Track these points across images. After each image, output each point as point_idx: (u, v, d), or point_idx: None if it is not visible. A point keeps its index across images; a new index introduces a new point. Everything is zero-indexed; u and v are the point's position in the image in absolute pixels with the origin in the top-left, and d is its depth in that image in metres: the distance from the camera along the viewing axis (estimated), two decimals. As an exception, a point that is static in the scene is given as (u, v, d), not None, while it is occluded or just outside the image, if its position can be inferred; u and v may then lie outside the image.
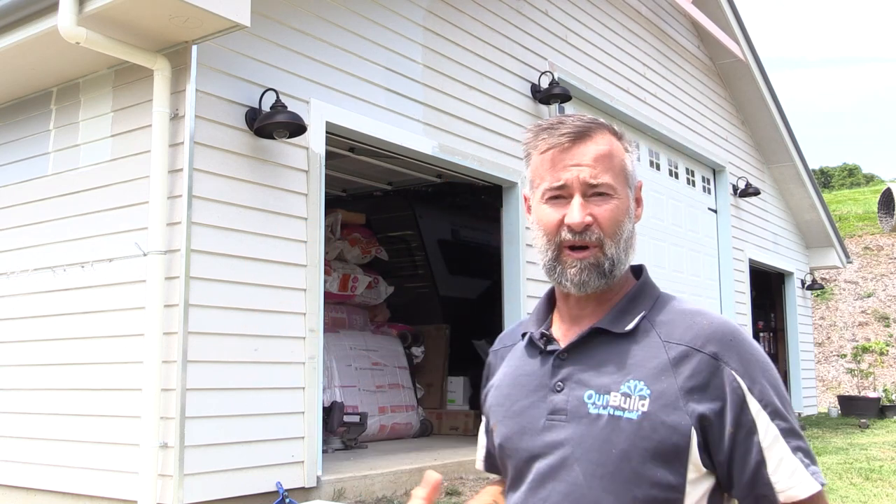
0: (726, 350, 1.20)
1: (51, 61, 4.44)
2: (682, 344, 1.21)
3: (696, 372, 1.18)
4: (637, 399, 1.18)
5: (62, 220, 4.64)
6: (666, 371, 1.19)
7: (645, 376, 1.20)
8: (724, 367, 1.18)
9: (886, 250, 19.34)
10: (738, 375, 1.18)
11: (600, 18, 8.01)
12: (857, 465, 6.54)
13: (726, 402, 1.17)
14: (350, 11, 5.22)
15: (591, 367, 1.25)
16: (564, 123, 1.30)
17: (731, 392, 1.17)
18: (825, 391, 16.35)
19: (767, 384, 1.19)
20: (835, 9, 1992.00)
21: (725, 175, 10.33)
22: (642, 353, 1.22)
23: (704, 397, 1.17)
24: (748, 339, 1.24)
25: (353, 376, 6.83)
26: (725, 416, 1.17)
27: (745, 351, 1.21)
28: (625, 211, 1.28)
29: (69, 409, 4.45)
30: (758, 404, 1.17)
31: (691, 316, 1.26)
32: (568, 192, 1.27)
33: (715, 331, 1.22)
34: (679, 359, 1.20)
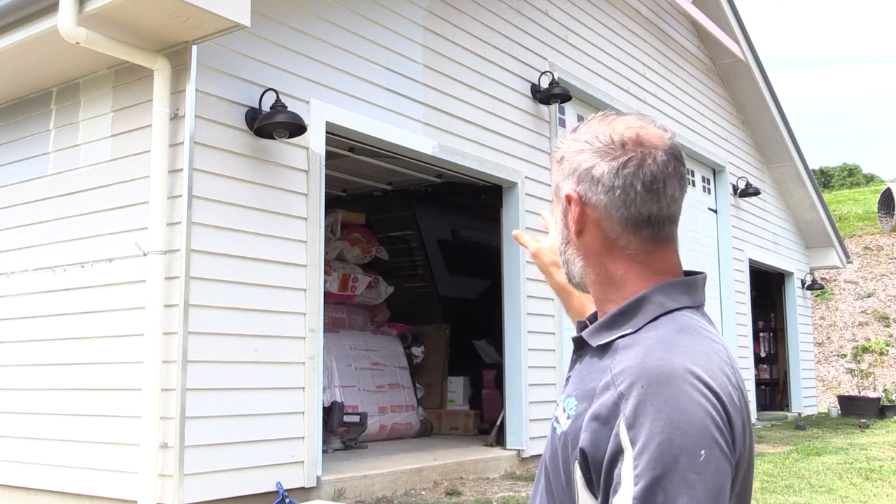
0: (631, 393, 1.02)
1: (51, 61, 4.44)
2: (611, 374, 1.07)
3: (601, 406, 1.04)
4: (565, 416, 1.13)
5: (62, 220, 4.64)
6: (588, 397, 1.09)
7: (578, 395, 1.12)
8: (621, 409, 1.02)
9: (886, 250, 19.34)
10: (625, 424, 1.00)
11: (600, 18, 8.02)
12: (857, 465, 6.54)
13: (606, 448, 1.02)
14: (350, 11, 5.22)
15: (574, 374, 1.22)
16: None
17: (612, 439, 1.01)
18: (825, 391, 16.35)
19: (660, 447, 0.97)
20: (835, 9, 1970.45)
21: (725, 175, 10.33)
22: (594, 374, 1.13)
23: (592, 436, 1.04)
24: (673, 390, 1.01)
25: (353, 376, 6.83)
26: (601, 465, 1.02)
27: (651, 401, 1.00)
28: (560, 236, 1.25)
29: (69, 409, 4.45)
30: (630, 462, 0.98)
31: (644, 348, 1.08)
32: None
33: (635, 369, 1.04)
34: (602, 389, 1.07)
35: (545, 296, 6.68)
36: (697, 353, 1.07)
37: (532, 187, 6.72)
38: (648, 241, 1.16)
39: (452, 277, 8.68)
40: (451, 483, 5.35)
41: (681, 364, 1.04)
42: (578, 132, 1.21)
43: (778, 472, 6.20)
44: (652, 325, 1.13)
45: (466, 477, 5.61)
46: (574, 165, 1.19)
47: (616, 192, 1.15)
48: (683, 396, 1.00)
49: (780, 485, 5.66)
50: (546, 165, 6.93)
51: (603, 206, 1.16)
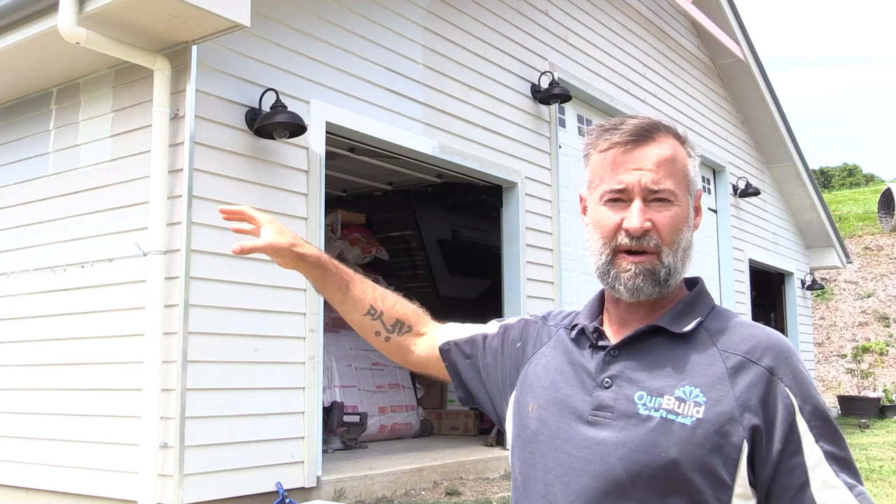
0: (781, 366, 1.19)
1: (51, 61, 4.44)
2: (738, 354, 1.20)
3: (753, 384, 1.17)
4: (692, 405, 1.16)
5: (62, 220, 4.64)
6: (723, 380, 1.18)
7: (701, 383, 1.18)
8: (779, 382, 1.18)
9: (886, 250, 19.34)
10: (791, 393, 1.17)
11: (600, 18, 8.02)
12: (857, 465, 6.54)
13: (777, 418, 1.16)
14: (350, 11, 5.22)
15: (643, 367, 1.23)
16: (626, 124, 1.27)
17: (783, 409, 1.16)
18: (825, 391, 16.35)
19: (816, 406, 1.19)
20: (835, 9, 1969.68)
21: (725, 175, 10.34)
22: (699, 359, 1.21)
23: (759, 411, 1.16)
24: (800, 358, 1.24)
25: (353, 376, 6.83)
26: (775, 432, 1.15)
27: (797, 370, 1.20)
28: (684, 219, 1.26)
29: (69, 409, 4.44)
30: (805, 424, 1.16)
31: (748, 328, 1.25)
32: (628, 196, 1.25)
33: (772, 345, 1.21)
34: (736, 369, 1.19)
35: (545, 296, 6.68)
36: None
37: (532, 187, 6.71)
38: None
39: (452, 277, 8.68)
40: (451, 483, 5.35)
41: (784, 337, 1.26)
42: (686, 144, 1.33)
43: (778, 472, 6.19)
44: (714, 313, 1.28)
45: (466, 477, 5.60)
46: (698, 164, 1.34)
47: None
48: (803, 363, 1.24)
49: (780, 485, 5.65)
50: (546, 165, 6.93)
51: None
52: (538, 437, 1.28)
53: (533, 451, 1.28)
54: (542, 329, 1.44)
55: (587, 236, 1.33)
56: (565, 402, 1.27)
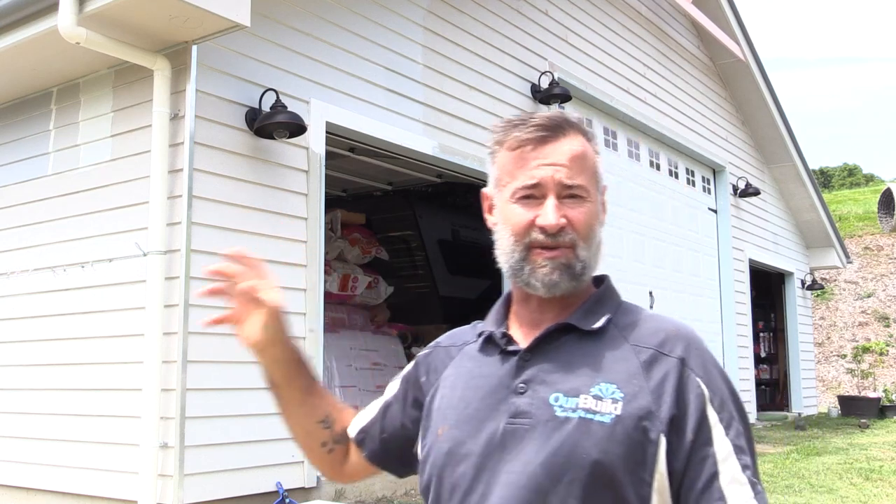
0: (692, 355, 1.18)
1: (51, 61, 4.44)
2: (650, 347, 1.19)
3: (666, 376, 1.16)
4: (609, 402, 1.14)
5: (62, 220, 4.64)
6: (637, 375, 1.16)
7: (617, 379, 1.16)
8: (690, 372, 1.17)
9: (886, 250, 19.34)
10: (702, 382, 1.16)
11: (600, 18, 8.02)
12: (857, 465, 6.54)
13: (689, 408, 1.14)
14: (350, 11, 5.22)
15: (556, 368, 1.19)
16: (534, 118, 1.24)
17: (694, 398, 1.15)
18: (825, 391, 16.35)
19: (726, 395, 1.17)
20: (835, 9, 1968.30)
21: (725, 175, 10.33)
22: (612, 355, 1.19)
23: (673, 402, 1.14)
24: (708, 349, 1.23)
25: (353, 376, 6.83)
26: (688, 422, 1.14)
27: (707, 359, 1.20)
28: (596, 215, 1.24)
29: (69, 409, 4.44)
30: (716, 416, 1.15)
31: (656, 321, 1.24)
32: (541, 192, 1.21)
33: (682, 336, 1.21)
34: (649, 362, 1.17)
35: (545, 296, 6.68)
36: None
37: (532, 187, 6.71)
38: None
39: (452, 277, 8.68)
40: (451, 483, 5.35)
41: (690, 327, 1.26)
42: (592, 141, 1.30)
43: (778, 472, 6.20)
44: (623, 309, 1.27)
45: (466, 477, 5.61)
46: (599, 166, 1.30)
47: None
48: (713, 356, 1.23)
49: (780, 485, 5.66)
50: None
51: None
52: (452, 458, 1.21)
53: (448, 472, 1.21)
54: (438, 355, 1.37)
55: (496, 235, 1.29)
56: (477, 416, 1.21)
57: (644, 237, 8.47)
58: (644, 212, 8.54)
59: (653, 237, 8.64)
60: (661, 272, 8.71)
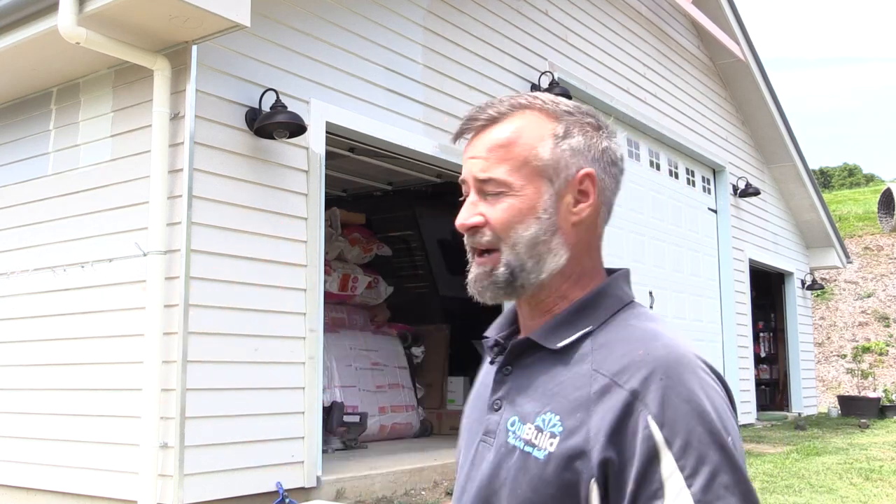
0: (650, 388, 0.95)
1: (51, 61, 4.44)
2: (606, 376, 0.98)
3: (609, 411, 0.95)
4: (548, 436, 0.99)
5: (62, 220, 4.64)
6: (583, 407, 0.97)
7: (562, 410, 0.99)
8: (642, 409, 0.94)
9: (886, 250, 19.34)
10: (655, 422, 0.93)
11: (600, 18, 8.02)
12: (857, 465, 6.54)
13: (632, 454, 0.93)
14: (350, 11, 5.22)
15: (523, 387, 1.06)
16: (483, 108, 1.09)
17: (641, 441, 0.93)
18: (825, 391, 16.35)
19: (697, 436, 0.92)
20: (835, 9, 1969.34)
21: (725, 175, 10.33)
22: (570, 380, 1.01)
23: (610, 444, 0.94)
24: (691, 378, 0.96)
25: (353, 376, 6.83)
26: (629, 471, 0.93)
27: (675, 392, 0.94)
28: (526, 210, 1.04)
29: (69, 409, 4.45)
30: (673, 462, 0.92)
31: (636, 341, 1.01)
32: (467, 189, 1.09)
33: (647, 362, 0.97)
34: (600, 394, 0.97)
35: (545, 296, 6.67)
36: (681, 339, 1.02)
37: (532, 187, 6.70)
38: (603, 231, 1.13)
39: (452, 277, 8.67)
40: (451, 483, 5.35)
41: (688, 352, 0.99)
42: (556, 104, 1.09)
43: (778, 472, 6.20)
44: (616, 319, 1.05)
45: (466, 477, 5.61)
46: (589, 143, 1.08)
47: (620, 178, 1.11)
48: (703, 384, 0.96)
49: (780, 485, 5.66)
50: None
51: (609, 191, 1.10)
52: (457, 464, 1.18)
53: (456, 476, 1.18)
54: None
55: None
56: (470, 427, 1.15)
57: (644, 237, 8.47)
58: (644, 212, 8.54)
59: (653, 237, 8.64)
60: (661, 272, 8.71)
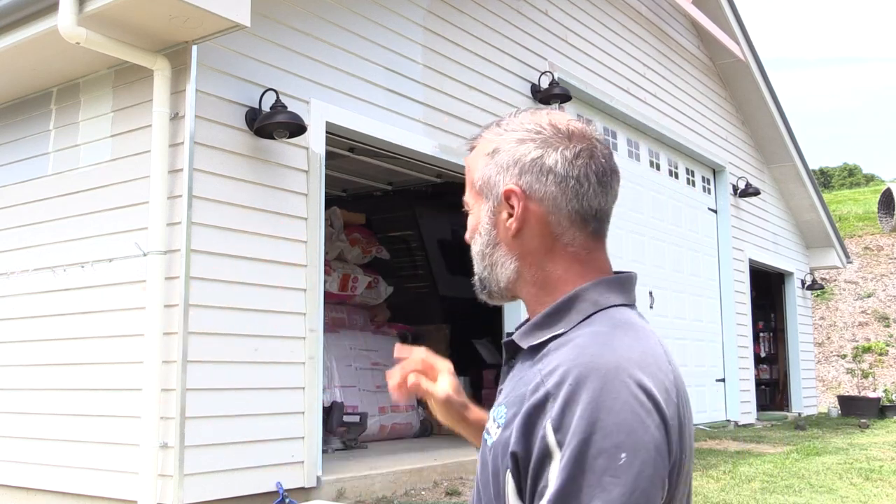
0: (559, 391, 0.96)
1: (51, 61, 4.44)
2: (540, 374, 1.02)
3: (530, 407, 0.99)
4: (495, 426, 1.05)
5: (62, 220, 4.64)
6: (520, 402, 1.02)
7: (509, 403, 1.05)
8: (548, 408, 0.96)
9: (886, 250, 19.34)
10: (551, 425, 0.95)
11: (600, 18, 8.02)
12: (857, 465, 6.54)
13: (532, 453, 0.97)
14: (350, 11, 5.22)
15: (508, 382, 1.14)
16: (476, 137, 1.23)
17: (538, 442, 0.96)
18: (825, 391, 16.35)
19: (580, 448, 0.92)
20: (835, 9, 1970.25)
21: (725, 175, 10.34)
22: (525, 378, 1.06)
23: (520, 439, 0.99)
24: (604, 387, 0.95)
25: (353, 376, 6.83)
26: (528, 467, 0.98)
27: (579, 399, 0.95)
28: (474, 227, 1.20)
29: (69, 409, 4.45)
30: (557, 468, 0.93)
31: (572, 346, 1.03)
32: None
33: (570, 367, 0.98)
34: (532, 391, 1.01)
35: (545, 296, 6.68)
36: (632, 349, 1.01)
37: (532, 187, 6.71)
38: (591, 237, 1.12)
39: (452, 277, 8.68)
40: (451, 483, 5.35)
41: (613, 361, 0.98)
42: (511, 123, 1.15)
43: (778, 472, 6.20)
44: (586, 322, 1.07)
45: (466, 477, 5.60)
46: (516, 156, 1.12)
47: (570, 183, 1.10)
48: (612, 395, 0.95)
49: (780, 485, 5.66)
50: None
51: (552, 199, 1.10)
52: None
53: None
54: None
55: None
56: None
57: (644, 237, 8.48)
58: (644, 212, 8.55)
59: (652, 237, 8.64)
60: (661, 272, 8.72)
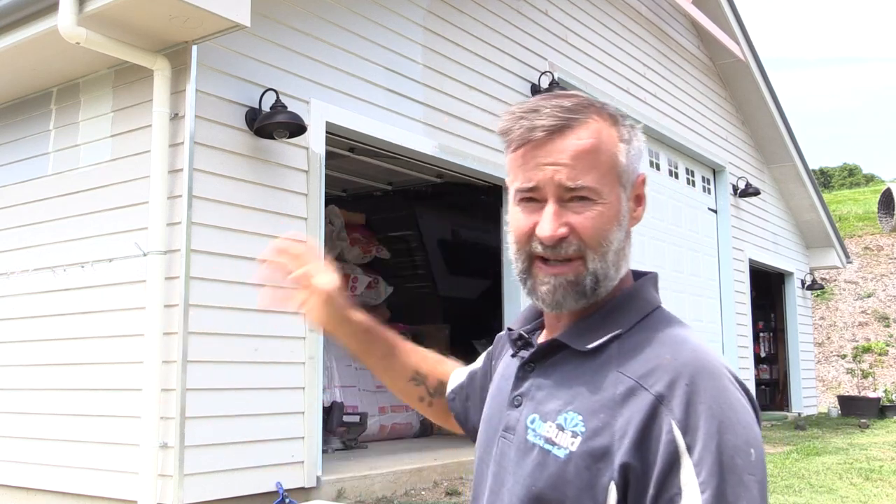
0: (676, 392, 0.95)
1: (51, 61, 4.44)
2: (633, 378, 0.99)
3: (636, 413, 0.96)
4: (569, 435, 0.99)
5: (62, 220, 4.64)
6: (607, 409, 0.98)
7: (585, 409, 0.99)
8: (665, 413, 0.94)
9: (886, 250, 19.34)
10: (678, 427, 0.93)
11: (600, 18, 8.02)
12: (857, 465, 6.54)
13: (654, 458, 0.93)
14: (350, 11, 5.22)
15: (547, 385, 1.06)
16: (540, 112, 1.05)
17: (663, 446, 0.93)
18: (825, 391, 16.35)
19: (719, 450, 0.92)
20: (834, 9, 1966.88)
21: (725, 175, 10.33)
22: (593, 381, 1.01)
23: (633, 447, 0.94)
24: (718, 386, 0.96)
25: (353, 376, 6.83)
26: (651, 476, 0.93)
27: (700, 399, 0.95)
28: (613, 217, 1.06)
29: (69, 409, 4.45)
30: (692, 470, 0.91)
31: (663, 346, 1.01)
32: (541, 196, 1.05)
33: (675, 366, 0.97)
34: (625, 396, 0.98)
35: (545, 296, 6.68)
36: (709, 348, 1.03)
37: (532, 187, 6.71)
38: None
39: (452, 277, 8.69)
40: (451, 483, 5.35)
41: (712, 360, 0.99)
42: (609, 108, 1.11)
43: (778, 472, 6.20)
44: (645, 323, 1.06)
45: (466, 477, 5.60)
46: (639, 145, 1.12)
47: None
48: (728, 394, 0.96)
49: (780, 485, 5.66)
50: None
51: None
52: (480, 458, 1.17)
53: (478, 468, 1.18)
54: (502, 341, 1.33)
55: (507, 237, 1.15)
56: (489, 420, 1.16)
57: (644, 237, 8.47)
58: (644, 212, 8.54)
59: (652, 237, 8.64)
60: (661, 272, 8.62)
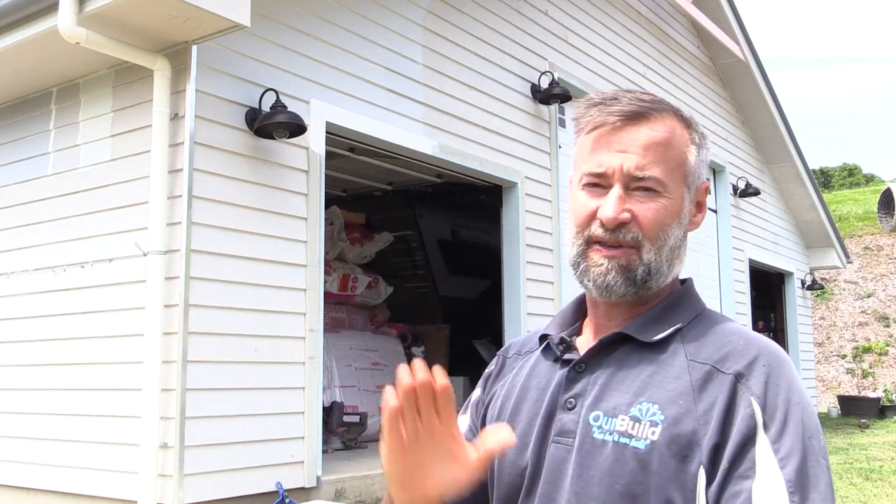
0: (754, 371, 0.98)
1: (51, 61, 4.44)
2: (707, 364, 1.01)
3: (719, 395, 0.97)
4: (647, 425, 0.99)
5: (62, 220, 4.64)
6: (685, 395, 0.99)
7: (661, 399, 1.00)
8: (745, 390, 0.97)
9: (886, 250, 19.34)
10: (757, 403, 0.96)
11: (600, 18, 8.02)
12: (857, 465, 6.54)
13: (732, 432, 0.95)
14: (350, 11, 5.22)
15: (606, 382, 1.06)
16: (619, 100, 1.09)
17: (741, 420, 0.96)
18: (825, 391, 16.35)
19: (798, 430, 0.95)
20: (834, 9, 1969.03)
21: (725, 175, 10.33)
22: (664, 372, 1.02)
23: (718, 427, 0.96)
24: (791, 372, 1.00)
25: (353, 376, 6.83)
26: (725, 449, 0.95)
27: (775, 378, 0.98)
28: (674, 213, 1.08)
29: (69, 409, 4.45)
30: (769, 447, 0.94)
31: (729, 335, 1.05)
32: (607, 181, 1.07)
33: (748, 351, 1.01)
34: (703, 381, 0.99)
35: (545, 296, 6.68)
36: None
37: (532, 187, 6.72)
38: None
39: (452, 277, 8.68)
40: (451, 483, 5.35)
41: (777, 348, 1.04)
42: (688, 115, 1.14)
43: (778, 472, 6.19)
44: (701, 318, 1.10)
45: (466, 477, 5.61)
46: (707, 155, 1.17)
47: None
48: (799, 382, 1.00)
49: (780, 485, 5.65)
50: (546, 165, 6.93)
51: None
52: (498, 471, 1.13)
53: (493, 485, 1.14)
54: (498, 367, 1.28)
55: (565, 223, 1.16)
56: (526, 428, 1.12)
57: (644, 237, 8.47)
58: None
59: (653, 237, 8.64)
60: (661, 272, 8.70)
